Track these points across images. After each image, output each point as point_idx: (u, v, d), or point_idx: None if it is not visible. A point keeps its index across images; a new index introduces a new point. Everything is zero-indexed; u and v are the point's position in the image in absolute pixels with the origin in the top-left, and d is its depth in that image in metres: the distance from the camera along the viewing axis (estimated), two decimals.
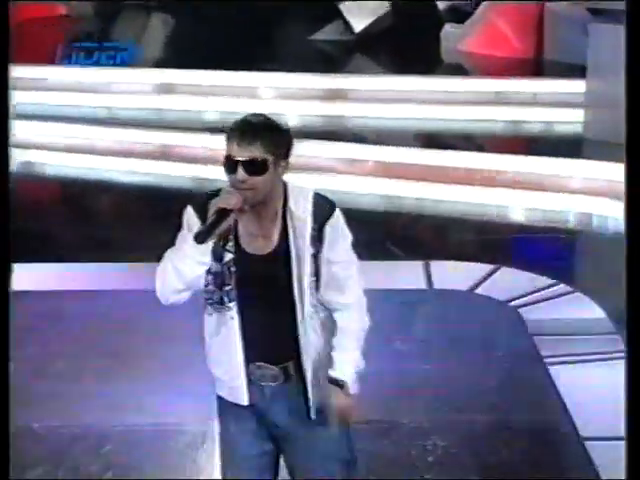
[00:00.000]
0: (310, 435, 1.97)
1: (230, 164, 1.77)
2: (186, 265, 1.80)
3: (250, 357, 1.92)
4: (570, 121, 5.96)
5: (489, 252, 5.03)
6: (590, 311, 4.37)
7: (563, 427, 3.33)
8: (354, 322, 1.91)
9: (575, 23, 6.94)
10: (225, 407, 2.03)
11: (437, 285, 4.58)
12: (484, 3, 7.67)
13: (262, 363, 1.91)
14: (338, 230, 1.89)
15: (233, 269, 1.86)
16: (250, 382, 1.92)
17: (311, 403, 1.93)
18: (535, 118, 6.25)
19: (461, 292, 4.57)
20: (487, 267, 4.74)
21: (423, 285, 4.55)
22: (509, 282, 4.70)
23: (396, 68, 7.57)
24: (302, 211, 1.85)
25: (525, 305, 4.37)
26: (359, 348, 1.91)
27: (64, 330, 4.08)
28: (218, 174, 2.14)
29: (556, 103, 6.21)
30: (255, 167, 1.77)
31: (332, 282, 1.91)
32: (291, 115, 6.17)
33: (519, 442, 3.28)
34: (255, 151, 1.75)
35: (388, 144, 6.05)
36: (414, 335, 4.13)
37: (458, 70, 7.54)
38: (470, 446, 3.23)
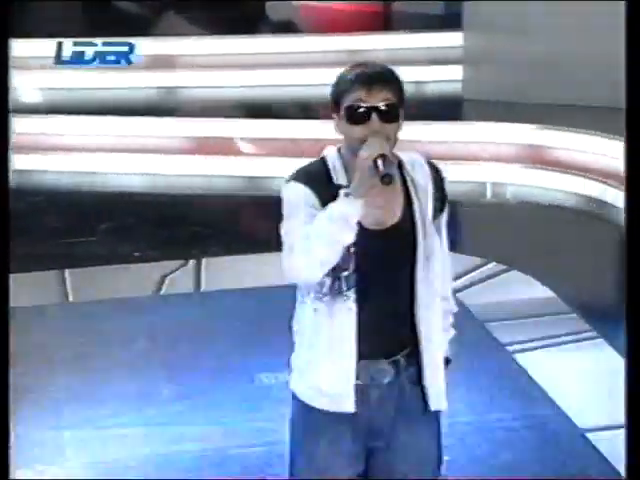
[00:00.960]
0: (415, 435, 1.89)
1: (360, 113, 1.67)
2: (345, 235, 1.70)
3: (361, 354, 1.83)
4: (446, 79, 5.63)
5: None
6: (534, 290, 4.20)
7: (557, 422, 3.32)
8: (450, 302, 1.93)
9: None
10: (315, 423, 1.90)
11: None
12: None
13: (371, 360, 1.82)
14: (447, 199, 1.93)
15: (353, 249, 1.70)
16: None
17: (430, 392, 1.83)
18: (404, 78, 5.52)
19: None
20: None
21: None
22: None
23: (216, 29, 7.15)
24: (421, 176, 1.78)
25: (461, 290, 4.00)
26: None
27: None
28: None
29: (427, 60, 5.81)
30: (390, 114, 1.68)
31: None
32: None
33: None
34: (389, 95, 1.68)
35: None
36: None
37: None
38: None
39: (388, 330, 1.82)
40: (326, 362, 1.82)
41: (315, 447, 1.90)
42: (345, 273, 1.75)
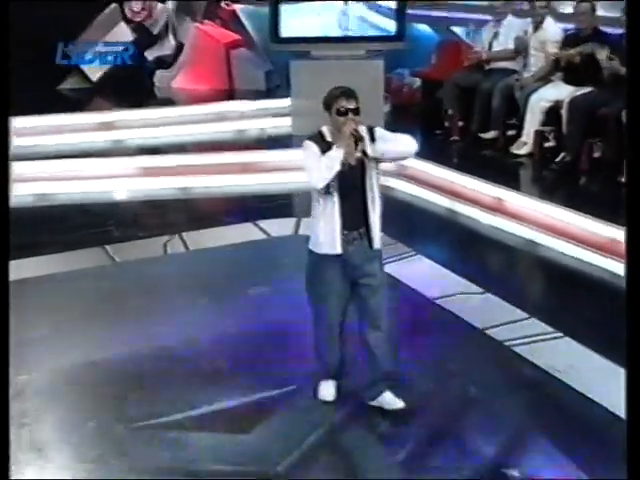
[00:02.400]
0: (371, 263, 3.11)
1: (343, 111, 2.94)
2: (335, 165, 2.90)
3: (343, 226, 3.02)
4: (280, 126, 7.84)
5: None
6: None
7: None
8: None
9: (252, 62, 9.45)
10: (322, 260, 3.10)
11: None
12: (184, 52, 9.56)
13: (347, 230, 3.04)
14: (381, 130, 3.08)
15: (337, 171, 2.92)
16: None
17: (374, 243, 3.10)
18: (252, 127, 8.08)
19: None
20: None
21: None
22: None
23: (125, 104, 8.87)
24: (367, 137, 2.99)
25: None
26: None
27: None
28: None
29: (264, 115, 8.19)
30: (357, 111, 2.96)
31: (387, 142, 3.07)
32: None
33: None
34: (355, 102, 2.96)
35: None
36: None
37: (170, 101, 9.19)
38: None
39: (354, 214, 3.04)
40: (324, 228, 3.05)
41: (319, 279, 3.15)
42: (333, 183, 2.95)
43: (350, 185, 3.02)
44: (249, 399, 3.48)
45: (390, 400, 3.24)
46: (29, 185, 6.34)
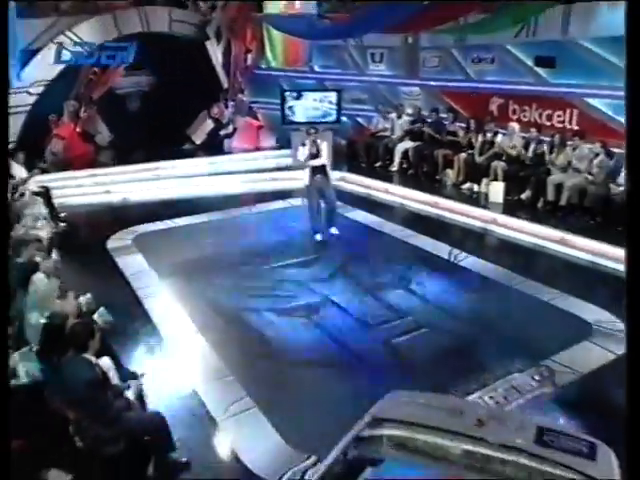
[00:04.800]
0: (329, 186, 11.35)
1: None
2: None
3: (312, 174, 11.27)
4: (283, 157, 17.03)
5: None
6: None
7: None
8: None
9: (269, 134, 18.26)
10: (308, 187, 11.28)
11: None
12: (237, 131, 17.65)
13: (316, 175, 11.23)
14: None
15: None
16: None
17: (329, 179, 11.60)
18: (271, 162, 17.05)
19: None
20: None
21: None
22: None
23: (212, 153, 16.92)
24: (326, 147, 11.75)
25: None
26: None
27: None
28: None
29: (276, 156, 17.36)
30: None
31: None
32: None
33: None
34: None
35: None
36: None
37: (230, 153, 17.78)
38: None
39: (321, 174, 11.12)
40: (306, 176, 11.20)
41: (308, 191, 11.37)
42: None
43: (320, 171, 11.46)
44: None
45: (333, 231, 11.41)
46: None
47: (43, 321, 5.45)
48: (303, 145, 11.27)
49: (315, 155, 10.96)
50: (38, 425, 4.84)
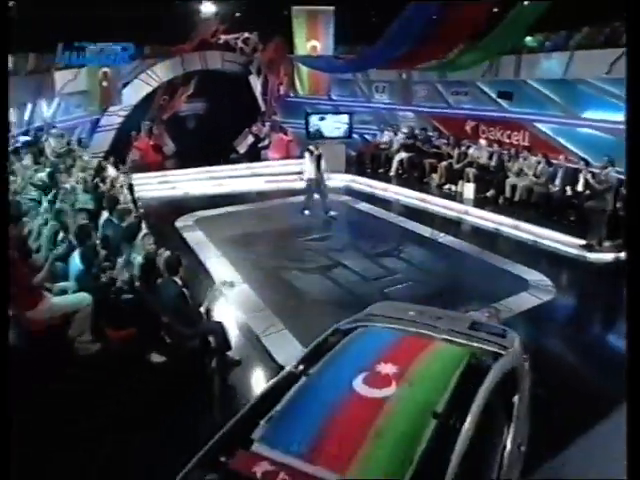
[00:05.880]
0: (322, 179, 13.07)
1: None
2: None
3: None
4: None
5: None
6: None
7: None
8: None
9: (295, 147, 19.34)
10: (307, 183, 13.04)
11: None
12: (272, 144, 19.01)
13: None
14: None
15: None
16: None
17: (323, 180, 13.48)
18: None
19: None
20: None
21: None
22: None
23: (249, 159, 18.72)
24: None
25: None
26: None
27: None
28: None
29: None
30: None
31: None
32: None
33: None
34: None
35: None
36: None
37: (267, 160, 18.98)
38: None
39: (318, 171, 12.58)
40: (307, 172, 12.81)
41: (308, 183, 12.76)
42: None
43: (317, 167, 12.68)
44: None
45: (332, 214, 12.68)
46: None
47: (141, 261, 6.52)
48: (309, 152, 12.44)
49: (318, 157, 12.27)
50: (141, 324, 5.88)
